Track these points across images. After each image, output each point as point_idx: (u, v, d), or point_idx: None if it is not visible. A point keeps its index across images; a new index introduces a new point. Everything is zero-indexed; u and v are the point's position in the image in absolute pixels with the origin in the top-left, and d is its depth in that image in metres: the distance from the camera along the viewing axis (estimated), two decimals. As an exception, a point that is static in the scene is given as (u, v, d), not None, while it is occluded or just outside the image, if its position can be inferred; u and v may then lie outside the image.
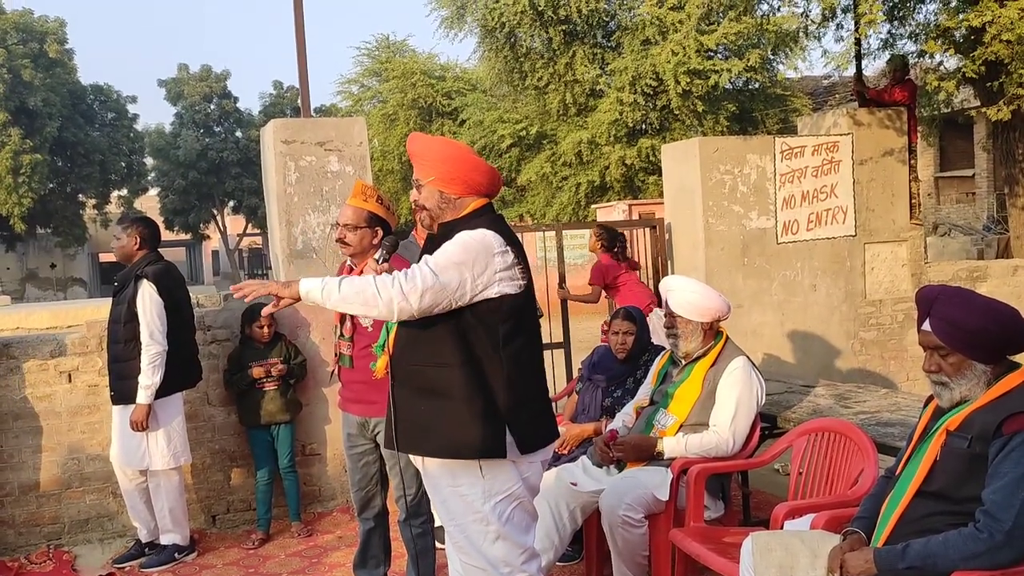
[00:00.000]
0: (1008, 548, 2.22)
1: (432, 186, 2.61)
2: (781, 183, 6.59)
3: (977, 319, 2.36)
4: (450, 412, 2.52)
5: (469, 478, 2.55)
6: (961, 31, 6.91)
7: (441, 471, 2.59)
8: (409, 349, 2.60)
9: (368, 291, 2.40)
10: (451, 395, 2.52)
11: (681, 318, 3.71)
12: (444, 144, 2.70)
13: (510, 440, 2.54)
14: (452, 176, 2.60)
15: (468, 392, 2.51)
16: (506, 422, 2.53)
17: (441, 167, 2.60)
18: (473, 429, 2.50)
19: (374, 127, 20.11)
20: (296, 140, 5.10)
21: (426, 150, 2.65)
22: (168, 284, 4.35)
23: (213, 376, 4.92)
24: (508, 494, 2.57)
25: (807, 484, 3.40)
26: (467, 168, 2.61)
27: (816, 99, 19.21)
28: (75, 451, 4.80)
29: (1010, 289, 7.37)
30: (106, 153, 30.74)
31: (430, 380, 2.55)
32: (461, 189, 2.62)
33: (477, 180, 2.62)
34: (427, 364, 2.55)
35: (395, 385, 2.63)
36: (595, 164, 16.29)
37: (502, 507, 2.56)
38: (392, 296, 2.39)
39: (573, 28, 15.97)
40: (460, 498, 2.57)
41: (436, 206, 2.63)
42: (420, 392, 2.57)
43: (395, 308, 2.41)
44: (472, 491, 2.55)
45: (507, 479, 2.57)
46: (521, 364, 2.60)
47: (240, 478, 5.07)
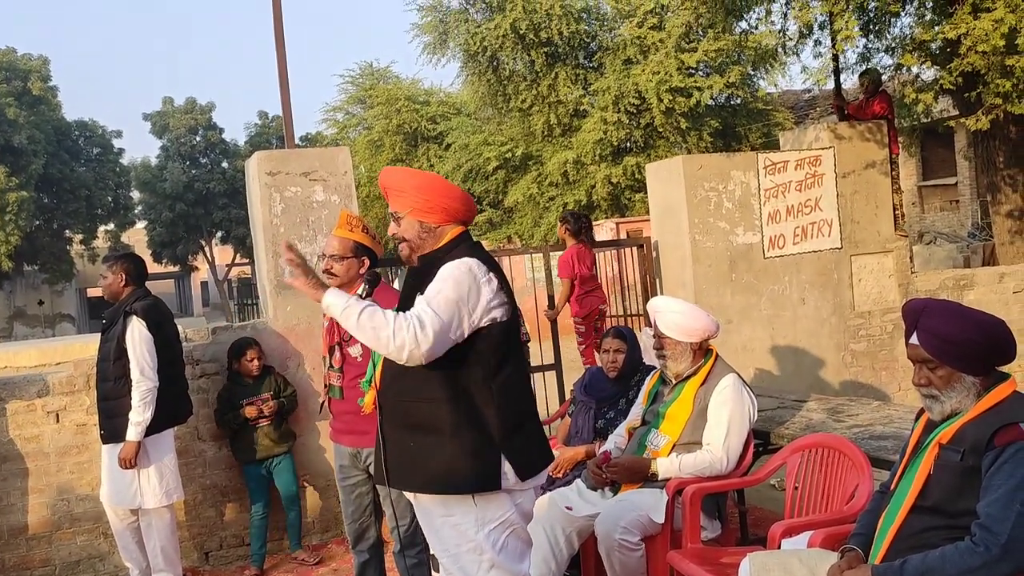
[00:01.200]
0: (1005, 561, 2.21)
1: (412, 217, 2.62)
2: (766, 198, 6.62)
3: (964, 331, 2.37)
4: (441, 447, 2.50)
5: (462, 507, 2.53)
6: (937, 43, 6.99)
7: (433, 501, 2.57)
8: (396, 384, 2.58)
9: (383, 331, 2.38)
10: (441, 430, 2.50)
11: (670, 339, 3.70)
12: (418, 175, 2.70)
13: (507, 469, 2.52)
14: (431, 205, 2.60)
15: (459, 427, 2.49)
16: (501, 452, 2.52)
17: (419, 197, 2.60)
18: (467, 463, 2.49)
19: (360, 154, 20.15)
20: (281, 171, 5.10)
21: (401, 182, 2.65)
22: (157, 319, 4.32)
23: (203, 411, 4.89)
24: (501, 522, 2.55)
25: (803, 501, 3.39)
26: (443, 195, 2.61)
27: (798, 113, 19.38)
28: (64, 492, 4.75)
29: (997, 296, 7.41)
30: (92, 188, 30.66)
31: (418, 415, 2.53)
32: (440, 217, 2.63)
33: (455, 207, 2.63)
34: (415, 399, 2.53)
35: (383, 420, 2.62)
36: (581, 183, 16.36)
37: (496, 535, 2.54)
38: (406, 341, 2.38)
39: (555, 50, 16.09)
40: (453, 528, 2.55)
41: (417, 236, 2.63)
42: (409, 427, 2.55)
43: (405, 354, 2.39)
44: (465, 520, 2.53)
45: (500, 507, 2.55)
46: (511, 390, 2.59)
47: (233, 513, 5.02)
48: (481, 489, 2.51)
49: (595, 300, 6.40)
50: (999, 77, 6.30)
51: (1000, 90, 6.37)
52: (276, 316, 5.10)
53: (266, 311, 5.27)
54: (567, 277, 6.37)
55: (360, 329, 2.41)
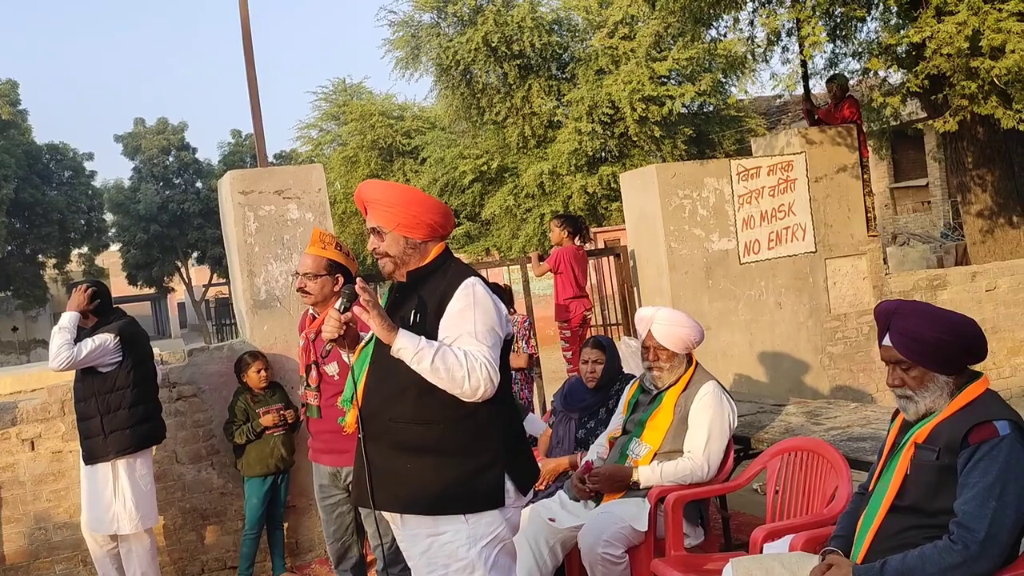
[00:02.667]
0: (983, 559, 2.23)
1: (397, 232, 2.56)
2: (740, 204, 6.68)
3: (935, 331, 2.39)
4: (444, 468, 2.45)
5: (452, 525, 2.47)
6: (902, 47, 7.10)
7: (420, 521, 2.51)
8: (388, 404, 2.51)
9: (458, 372, 2.37)
10: (444, 452, 2.46)
11: (667, 350, 3.68)
12: (402, 190, 2.65)
13: (509, 485, 2.50)
14: (416, 221, 2.56)
15: (463, 448, 2.46)
16: (505, 469, 2.50)
17: (405, 213, 2.55)
18: (472, 483, 2.46)
19: (335, 170, 20.11)
20: (254, 190, 5.07)
21: (386, 197, 2.59)
22: (130, 336, 4.28)
23: (180, 434, 4.84)
24: (493, 537, 2.51)
25: (784, 504, 3.40)
26: (427, 211, 2.57)
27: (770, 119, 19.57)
28: (42, 520, 4.67)
29: (970, 295, 7.51)
30: (64, 211, 30.37)
31: (414, 437, 2.47)
32: (425, 233, 2.58)
33: (438, 222, 2.60)
34: (411, 421, 2.47)
35: (367, 440, 2.54)
36: (558, 194, 16.41)
37: (487, 552, 2.49)
38: (481, 382, 2.37)
39: (528, 62, 16.17)
40: (442, 547, 2.48)
41: (402, 252, 2.58)
42: (402, 448, 2.49)
43: (480, 394, 2.39)
44: (456, 538, 2.47)
45: (491, 522, 2.50)
46: (510, 407, 2.57)
47: (214, 536, 4.96)
48: (489, 507, 2.48)
49: (580, 306, 6.32)
50: (964, 79, 6.40)
51: (966, 92, 6.47)
52: (253, 336, 5.06)
53: (243, 331, 5.23)
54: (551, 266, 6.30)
55: (434, 372, 2.37)
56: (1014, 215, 8.80)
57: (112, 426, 4.18)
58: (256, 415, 4.63)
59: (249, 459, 4.68)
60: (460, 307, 2.46)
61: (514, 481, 2.51)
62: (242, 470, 4.72)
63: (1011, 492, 2.24)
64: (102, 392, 4.19)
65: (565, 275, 6.27)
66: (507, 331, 2.53)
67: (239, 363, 4.76)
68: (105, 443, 4.18)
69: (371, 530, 3.47)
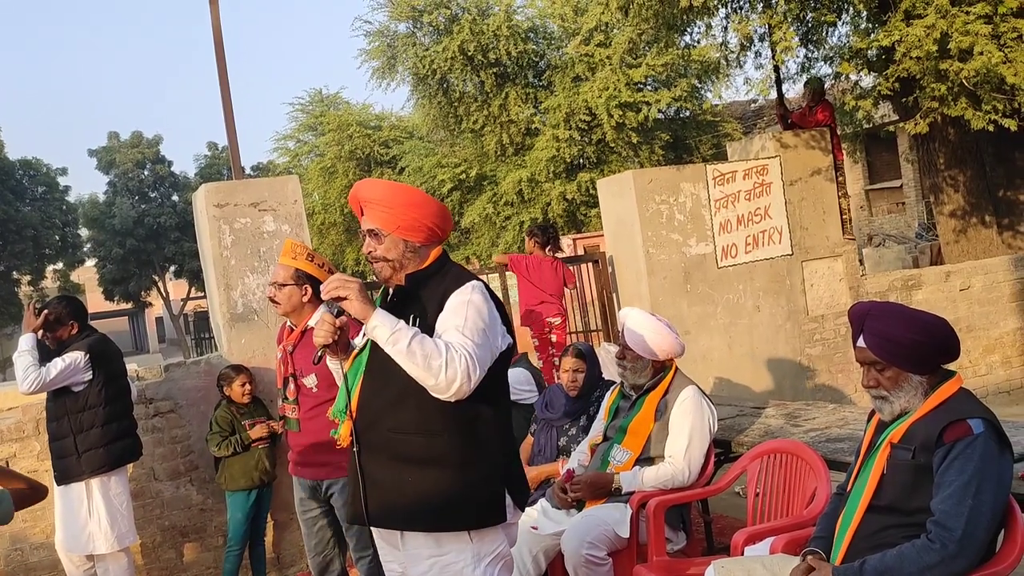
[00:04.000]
0: (961, 557, 2.24)
1: (397, 235, 2.43)
2: (716, 209, 6.72)
3: (908, 332, 2.42)
4: (445, 482, 2.35)
5: (457, 544, 2.37)
6: (873, 51, 7.18)
7: (424, 541, 2.39)
8: (387, 414, 2.39)
9: (435, 360, 2.21)
10: (444, 464, 2.35)
11: (632, 352, 3.71)
12: (403, 190, 2.51)
13: (509, 500, 2.43)
14: (417, 224, 2.44)
15: (466, 460, 2.36)
16: (506, 484, 2.43)
17: (404, 215, 2.42)
18: (474, 498, 2.36)
19: (313, 181, 20.03)
20: (229, 203, 5.04)
21: (385, 197, 2.46)
22: (102, 353, 4.23)
23: (158, 450, 4.79)
24: (496, 554, 2.42)
25: (765, 506, 3.42)
26: (428, 213, 2.45)
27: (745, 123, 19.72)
28: (18, 541, 4.61)
29: (944, 295, 7.59)
30: (39, 227, 30.01)
31: (416, 448, 2.36)
32: (425, 236, 2.46)
33: (438, 224, 2.48)
34: (413, 432, 2.36)
35: (363, 452, 2.42)
36: (537, 201, 16.43)
37: (491, 570, 2.40)
38: (458, 375, 2.22)
39: (504, 70, 16.20)
40: (444, 568, 2.37)
41: (401, 256, 2.45)
42: (403, 461, 2.37)
43: (455, 388, 2.23)
44: (461, 557, 2.37)
45: (495, 538, 2.42)
46: (505, 416, 2.48)
47: (194, 554, 4.91)
48: (490, 523, 2.39)
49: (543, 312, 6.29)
50: (934, 81, 6.48)
51: (936, 94, 6.55)
52: (231, 349, 5.02)
53: (221, 344, 5.19)
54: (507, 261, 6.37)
55: (409, 356, 2.22)
56: (986, 214, 8.92)
57: (86, 445, 4.12)
58: (242, 427, 4.56)
59: (232, 472, 4.59)
60: (455, 304, 2.36)
61: (512, 495, 2.44)
62: (224, 484, 4.63)
63: (987, 490, 2.26)
64: (74, 411, 4.13)
65: (521, 282, 6.31)
66: (506, 340, 2.43)
67: (222, 377, 4.69)
68: (79, 462, 4.12)
69: (353, 543, 3.45)
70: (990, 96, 6.50)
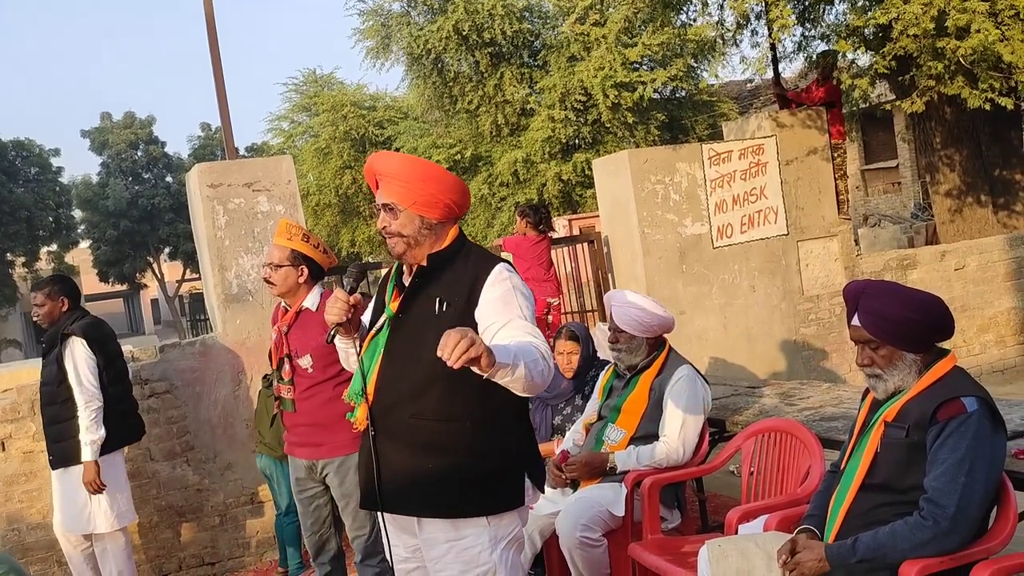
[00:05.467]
0: (954, 534, 2.26)
1: (413, 211, 2.34)
2: (712, 188, 6.70)
3: (903, 310, 2.42)
4: (467, 468, 2.31)
5: (474, 528, 2.33)
6: (870, 29, 7.13)
7: (442, 526, 2.35)
8: (409, 400, 2.33)
9: (537, 368, 2.11)
10: (467, 450, 2.31)
11: (625, 333, 3.71)
12: (421, 164, 2.42)
13: (528, 484, 2.41)
14: (434, 200, 2.35)
15: (487, 445, 2.33)
16: (526, 467, 2.41)
17: (422, 190, 2.33)
18: (494, 483, 2.33)
19: (307, 162, 19.93)
20: (223, 183, 5.02)
21: (402, 171, 2.36)
22: (98, 337, 4.22)
23: (154, 431, 4.79)
24: (511, 537, 2.39)
25: (759, 485, 3.43)
26: (447, 189, 2.37)
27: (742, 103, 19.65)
28: (14, 521, 4.62)
29: (939, 274, 7.60)
30: (32, 209, 29.87)
31: (438, 435, 2.31)
32: (443, 214, 2.37)
33: (456, 201, 2.39)
34: (436, 419, 2.31)
35: (378, 437, 2.36)
36: (532, 182, 16.38)
37: (506, 553, 2.36)
38: (551, 372, 2.19)
39: (499, 50, 16.09)
40: (461, 553, 2.33)
41: (416, 233, 2.36)
42: (423, 447, 2.32)
43: (547, 381, 2.19)
44: (478, 542, 2.33)
45: (511, 521, 2.39)
46: (524, 399, 2.42)
47: (190, 533, 4.93)
48: (508, 507, 2.36)
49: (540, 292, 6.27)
50: (931, 59, 6.45)
51: (933, 72, 6.52)
52: (226, 330, 5.02)
53: (215, 325, 5.18)
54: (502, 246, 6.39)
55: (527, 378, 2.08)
56: (982, 194, 8.92)
57: None
58: None
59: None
60: (501, 292, 2.29)
61: (532, 478, 2.42)
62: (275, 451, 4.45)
63: (980, 468, 2.27)
64: (73, 396, 4.11)
65: (517, 263, 6.30)
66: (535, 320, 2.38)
67: None
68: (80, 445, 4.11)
69: (349, 522, 3.46)
70: (987, 75, 6.47)
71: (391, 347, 2.38)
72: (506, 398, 2.27)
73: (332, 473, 3.40)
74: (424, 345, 2.20)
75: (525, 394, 2.19)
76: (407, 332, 2.35)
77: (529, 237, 6.30)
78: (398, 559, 2.52)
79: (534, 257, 6.29)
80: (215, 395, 4.98)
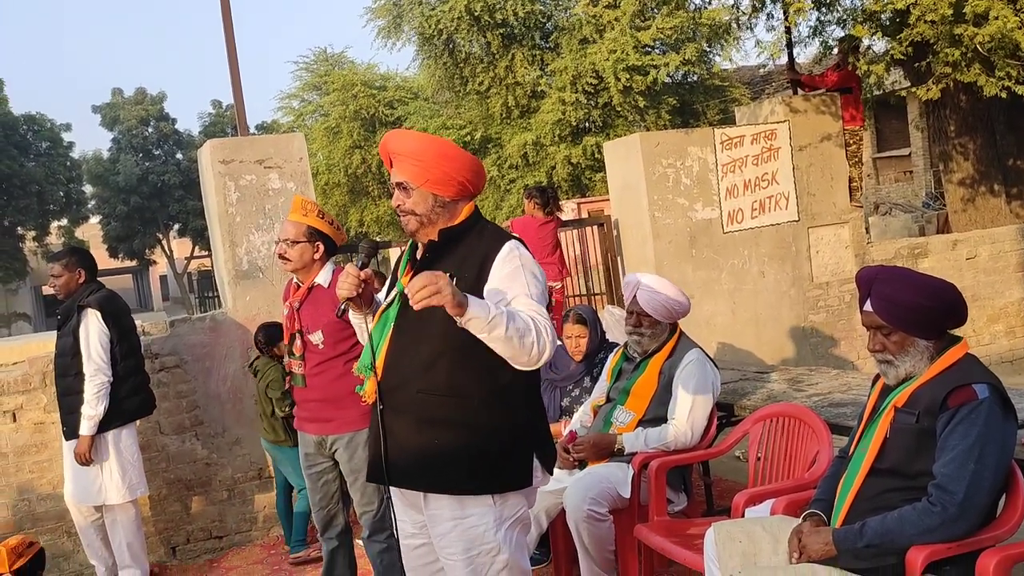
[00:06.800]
0: (962, 520, 2.26)
1: (425, 189, 2.35)
2: (723, 173, 6.67)
3: (915, 296, 2.41)
4: (475, 445, 2.31)
5: (480, 507, 2.34)
6: (887, 14, 7.07)
7: (447, 503, 2.36)
8: (418, 375, 2.34)
9: (528, 339, 2.13)
10: (475, 427, 2.32)
11: (650, 318, 3.68)
12: (435, 142, 2.42)
13: (536, 464, 2.41)
14: (447, 178, 2.35)
15: (495, 424, 2.33)
16: (534, 448, 2.41)
17: (437, 168, 2.34)
18: (500, 462, 2.34)
19: (317, 141, 19.91)
20: (235, 159, 5.02)
21: (415, 149, 2.36)
22: (113, 311, 4.25)
23: (164, 404, 4.82)
24: (517, 517, 2.40)
25: (766, 469, 3.44)
26: (460, 167, 2.37)
27: (754, 88, 19.52)
28: (25, 492, 4.66)
29: (950, 263, 7.57)
30: (43, 183, 29.94)
31: (446, 411, 2.32)
32: (456, 191, 2.38)
33: (469, 179, 2.39)
34: (444, 394, 2.32)
35: (388, 412, 2.38)
36: (541, 165, 16.34)
37: (511, 533, 2.38)
38: (546, 348, 2.17)
39: (511, 31, 16.01)
40: (466, 531, 2.34)
41: (430, 211, 2.37)
42: (431, 423, 2.33)
43: (541, 362, 2.19)
44: (483, 521, 2.34)
45: (517, 502, 2.40)
46: (535, 379, 2.44)
47: (199, 506, 4.97)
48: (515, 487, 2.36)
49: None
50: (948, 46, 6.39)
51: (949, 59, 6.46)
52: (236, 306, 5.03)
53: (225, 301, 5.20)
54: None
55: (507, 340, 2.11)
56: (995, 183, 8.86)
57: None
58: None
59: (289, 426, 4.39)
60: (510, 269, 2.30)
61: (540, 459, 2.42)
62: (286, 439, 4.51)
63: (989, 454, 2.27)
64: None
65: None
66: (546, 299, 2.39)
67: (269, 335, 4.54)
68: None
69: (357, 497, 3.48)
70: (1004, 62, 6.41)
71: (401, 322, 2.39)
72: (515, 376, 2.28)
73: (342, 448, 3.42)
74: (432, 320, 2.22)
75: (515, 364, 2.19)
76: None
77: (536, 218, 6.29)
78: (405, 535, 2.54)
79: (539, 239, 6.27)
80: (224, 370, 5.00)
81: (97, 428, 4.11)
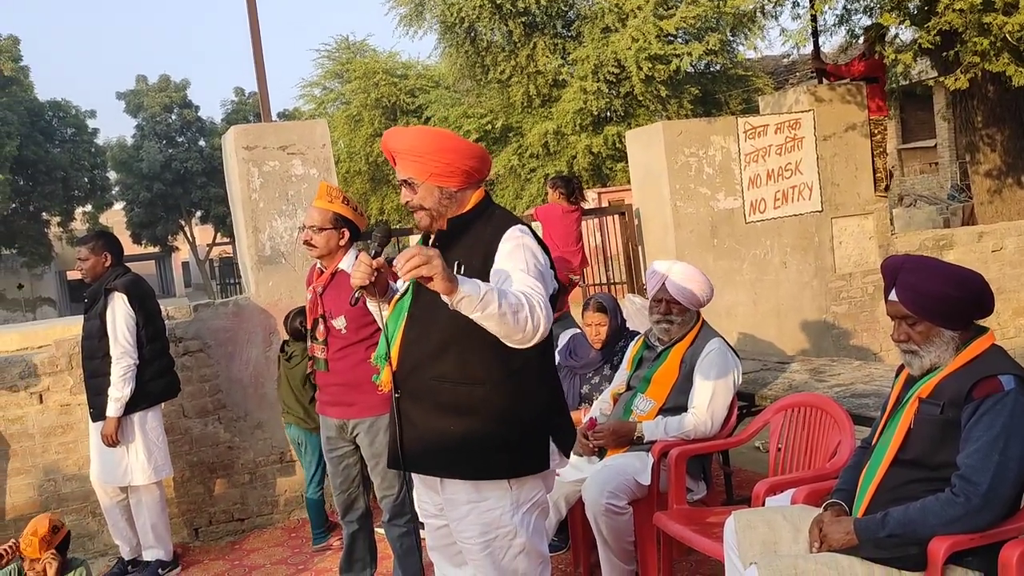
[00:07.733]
0: (985, 511, 2.25)
1: (430, 183, 2.36)
2: (746, 163, 6.63)
3: (942, 286, 2.39)
4: (490, 431, 2.32)
5: (496, 491, 2.36)
6: (915, 2, 6.98)
7: (463, 487, 2.38)
8: (430, 362, 2.36)
9: (521, 315, 2.09)
10: (489, 413, 2.33)
11: (679, 305, 3.67)
12: (433, 135, 2.40)
13: (553, 448, 2.41)
14: (450, 169, 2.35)
15: (508, 409, 2.33)
16: (550, 432, 2.41)
17: (437, 162, 2.34)
18: (515, 447, 2.34)
19: (339, 129, 19.95)
20: (258, 145, 5.05)
21: (416, 146, 2.37)
22: (139, 295, 4.30)
23: (187, 388, 4.87)
24: (534, 502, 2.41)
25: (786, 460, 3.43)
26: (462, 157, 2.37)
27: (777, 78, 19.33)
28: (51, 472, 4.73)
29: (976, 255, 7.48)
30: (68, 169, 30.25)
31: (460, 397, 2.34)
32: (461, 181, 2.38)
33: (474, 167, 2.40)
34: (457, 381, 2.33)
35: (405, 399, 2.41)
36: (562, 154, 16.29)
37: (528, 517, 2.39)
38: (541, 324, 2.13)
39: (533, 19, 15.94)
40: (482, 515, 2.36)
41: (437, 204, 2.38)
42: (446, 409, 2.35)
43: (536, 339, 2.15)
44: (500, 504, 2.36)
45: (534, 486, 2.41)
46: (550, 363, 2.44)
47: (221, 489, 5.03)
48: (530, 472, 2.37)
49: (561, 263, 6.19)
50: (976, 35, 6.30)
51: (978, 48, 6.37)
52: (258, 291, 5.07)
53: (248, 287, 5.24)
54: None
55: (500, 318, 2.07)
56: (1022, 175, 8.73)
57: None
58: None
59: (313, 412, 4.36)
60: (509, 248, 2.30)
61: (557, 442, 2.42)
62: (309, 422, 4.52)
63: (1014, 446, 2.25)
64: None
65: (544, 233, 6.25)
66: (553, 286, 2.37)
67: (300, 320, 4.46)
68: None
69: (377, 481, 3.51)
70: (1034, 52, 6.32)
71: (414, 311, 2.42)
72: (527, 360, 2.29)
73: (363, 433, 3.44)
74: (442, 308, 2.19)
75: (511, 342, 2.15)
76: (427, 295, 2.32)
77: (560, 206, 6.27)
78: (427, 515, 2.58)
79: (564, 227, 6.25)
80: (247, 355, 5.05)
81: (123, 410, 4.17)
